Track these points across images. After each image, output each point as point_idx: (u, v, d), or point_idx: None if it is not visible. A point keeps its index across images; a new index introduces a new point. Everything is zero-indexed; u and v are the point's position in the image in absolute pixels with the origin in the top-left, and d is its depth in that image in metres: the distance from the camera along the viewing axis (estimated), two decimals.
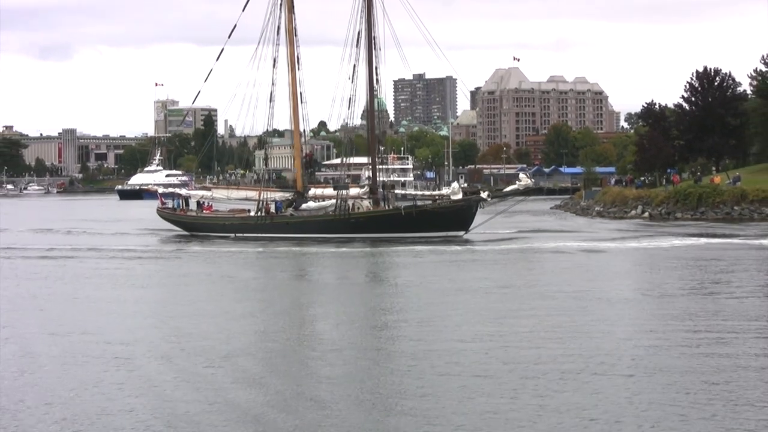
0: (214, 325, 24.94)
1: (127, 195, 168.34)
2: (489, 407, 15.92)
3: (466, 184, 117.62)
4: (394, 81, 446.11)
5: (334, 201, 59.14)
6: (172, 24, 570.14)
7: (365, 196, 60.25)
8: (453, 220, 55.49)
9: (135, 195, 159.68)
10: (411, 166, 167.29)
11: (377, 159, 65.60)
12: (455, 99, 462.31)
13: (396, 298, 30.73)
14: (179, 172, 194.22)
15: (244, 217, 61.88)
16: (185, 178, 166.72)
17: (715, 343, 21.12)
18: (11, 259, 46.64)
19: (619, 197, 79.24)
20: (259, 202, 61.39)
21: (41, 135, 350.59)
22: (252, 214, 61.44)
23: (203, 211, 65.63)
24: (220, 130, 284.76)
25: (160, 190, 74.35)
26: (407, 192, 75.38)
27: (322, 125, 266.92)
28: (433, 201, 61.14)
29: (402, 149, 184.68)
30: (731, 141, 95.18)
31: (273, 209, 60.74)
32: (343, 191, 60.07)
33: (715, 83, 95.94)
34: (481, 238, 53.48)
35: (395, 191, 66.07)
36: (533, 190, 64.62)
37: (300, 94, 62.96)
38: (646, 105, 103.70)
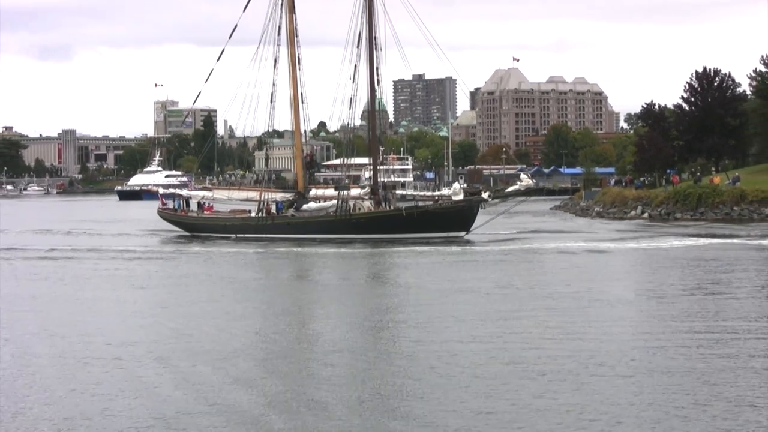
0: (214, 326, 24.96)
1: (127, 196, 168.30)
2: (489, 408, 15.94)
3: (465, 184, 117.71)
4: (393, 81, 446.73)
5: (335, 202, 59.11)
6: (172, 25, 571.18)
7: (366, 196, 60.23)
8: (454, 220, 55.45)
9: (135, 196, 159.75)
10: (411, 166, 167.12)
11: (377, 159, 65.60)
12: (455, 99, 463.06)
13: (397, 298, 30.74)
14: (179, 172, 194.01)
15: (245, 218, 61.81)
16: (185, 178, 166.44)
17: (715, 344, 21.14)
18: (11, 260, 46.62)
19: (619, 198, 79.22)
20: (260, 202, 61.38)
21: (41, 136, 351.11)
22: (253, 214, 61.42)
23: (204, 212, 65.61)
24: (219, 130, 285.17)
25: (160, 190, 74.19)
26: (407, 192, 75.34)
27: (321, 126, 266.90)
28: (434, 201, 61.16)
29: (402, 150, 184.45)
30: (731, 141, 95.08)
31: (274, 210, 60.73)
32: (344, 192, 60.05)
33: (715, 84, 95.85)
34: (482, 238, 53.49)
35: (395, 192, 66.03)
36: (534, 190, 64.59)
37: (301, 94, 63.04)
38: (645, 105, 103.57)
